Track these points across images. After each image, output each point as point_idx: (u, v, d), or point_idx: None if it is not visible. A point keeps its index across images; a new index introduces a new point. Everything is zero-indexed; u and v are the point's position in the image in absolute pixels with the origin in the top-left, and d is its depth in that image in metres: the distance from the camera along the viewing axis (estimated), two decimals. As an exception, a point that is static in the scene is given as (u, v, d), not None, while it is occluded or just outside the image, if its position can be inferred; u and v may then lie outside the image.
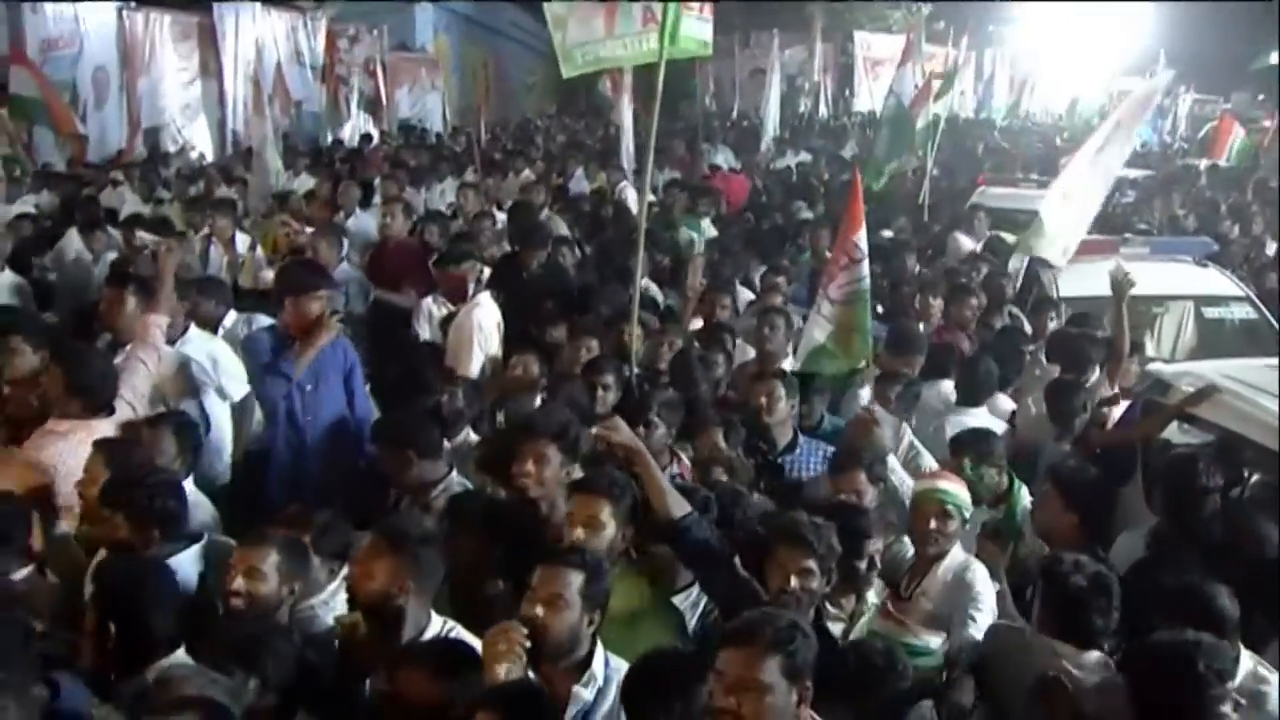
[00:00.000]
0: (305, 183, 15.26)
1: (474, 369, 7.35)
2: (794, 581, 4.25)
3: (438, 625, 4.18)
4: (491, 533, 4.76)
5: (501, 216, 11.86)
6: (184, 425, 5.72)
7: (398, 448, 5.58)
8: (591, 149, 23.00)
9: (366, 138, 22.93)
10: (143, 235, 9.14)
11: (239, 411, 6.94)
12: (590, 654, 3.91)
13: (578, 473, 5.04)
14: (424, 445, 5.58)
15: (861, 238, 6.55)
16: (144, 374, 5.99)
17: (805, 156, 23.15)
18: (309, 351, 6.23)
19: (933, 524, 4.99)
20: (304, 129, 23.70)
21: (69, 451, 5.32)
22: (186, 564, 4.69)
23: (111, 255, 10.35)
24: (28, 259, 10.42)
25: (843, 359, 6.70)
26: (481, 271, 8.37)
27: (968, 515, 5.14)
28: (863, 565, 4.73)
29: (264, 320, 7.43)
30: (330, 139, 22.86)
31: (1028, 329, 8.90)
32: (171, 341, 6.88)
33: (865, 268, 6.54)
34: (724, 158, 21.46)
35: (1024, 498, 5.83)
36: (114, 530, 4.69)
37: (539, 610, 3.80)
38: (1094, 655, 4.08)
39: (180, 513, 4.87)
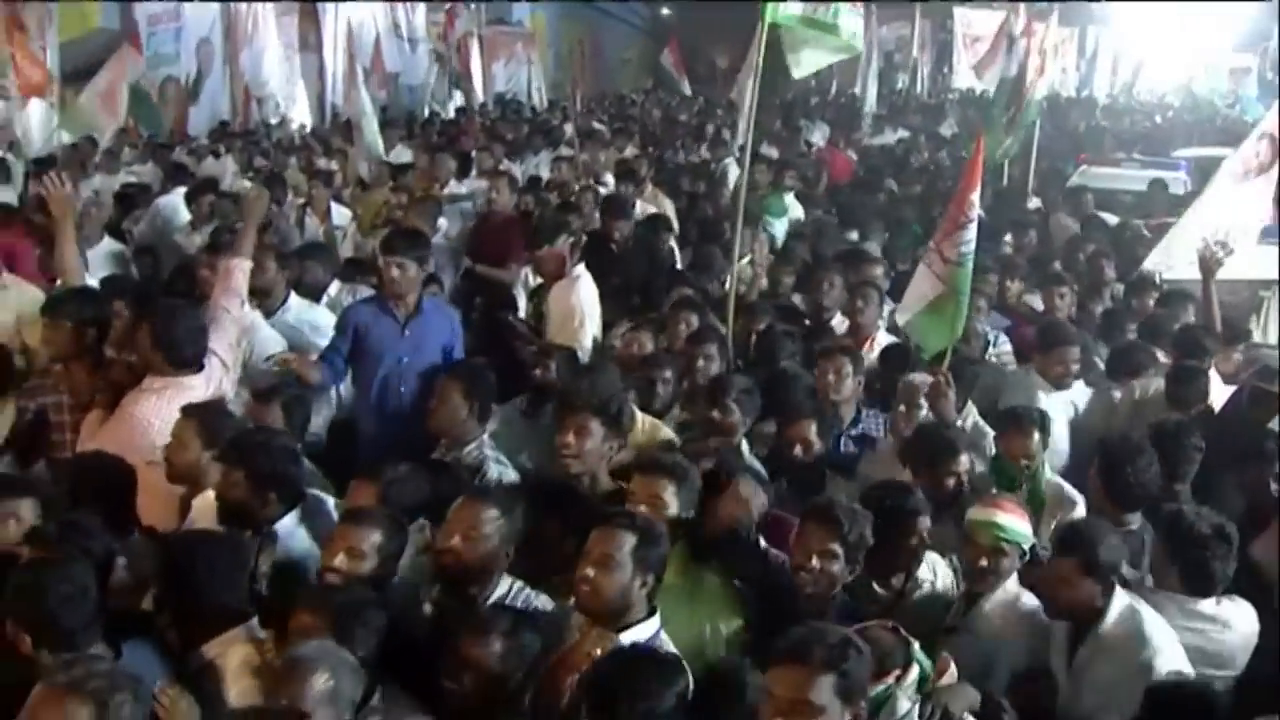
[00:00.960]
0: (402, 155, 15.34)
1: (587, 342, 7.25)
2: (815, 560, 4.21)
3: (506, 585, 4.28)
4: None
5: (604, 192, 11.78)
6: (293, 400, 5.72)
7: (461, 388, 5.50)
8: (687, 125, 22.85)
9: (462, 111, 22.99)
10: (243, 183, 9.22)
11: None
12: (642, 621, 3.86)
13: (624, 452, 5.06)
14: (482, 396, 5.54)
15: (976, 198, 6.35)
16: (229, 321, 6.01)
17: (903, 133, 22.80)
18: (408, 321, 6.25)
19: (984, 561, 4.46)
20: (401, 102, 23.86)
21: (162, 408, 5.37)
22: (290, 525, 4.76)
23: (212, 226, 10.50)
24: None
25: (945, 325, 6.51)
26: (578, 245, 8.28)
27: (1026, 549, 4.56)
28: (913, 542, 4.62)
29: (367, 291, 7.48)
30: (427, 112, 22.97)
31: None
32: (271, 311, 6.94)
33: (974, 231, 6.31)
34: (820, 134, 21.20)
35: (1046, 470, 5.58)
36: (230, 489, 4.71)
37: (590, 571, 3.80)
38: None
39: (298, 479, 4.91)
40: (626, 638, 3.77)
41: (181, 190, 11.51)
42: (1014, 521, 4.50)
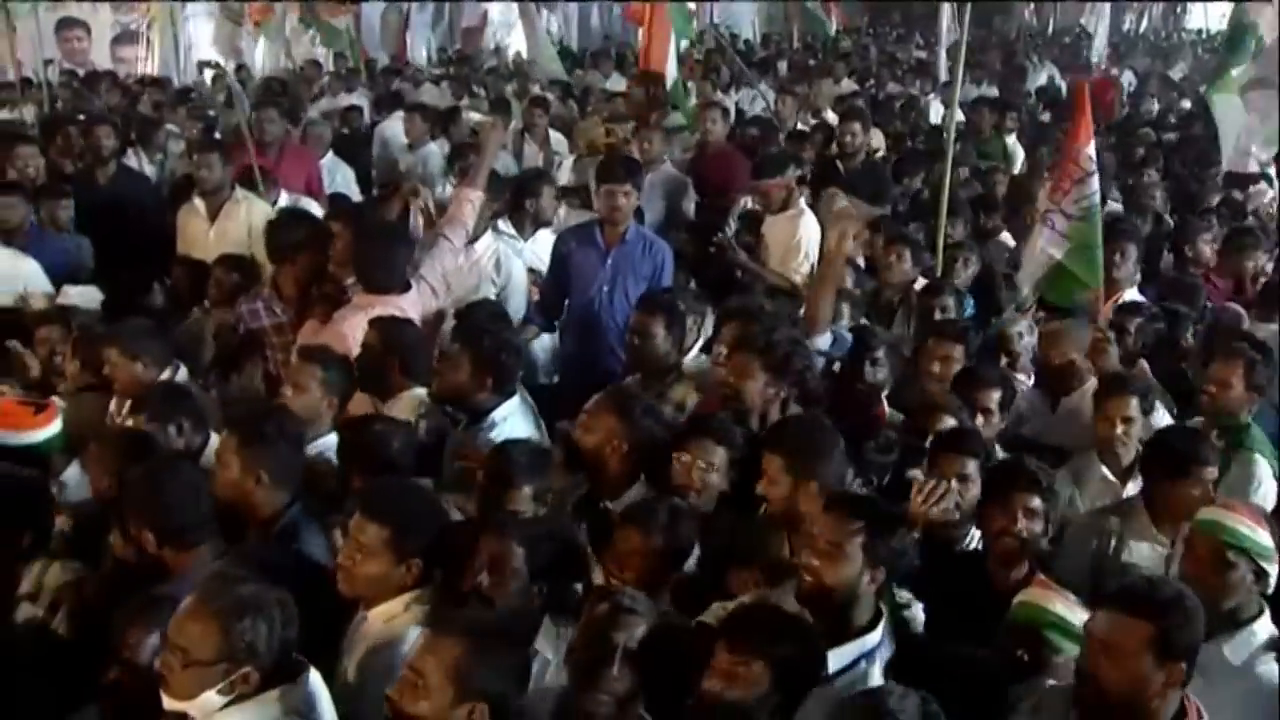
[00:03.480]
0: (617, 84, 15.29)
1: (799, 278, 7.05)
2: (1020, 521, 3.99)
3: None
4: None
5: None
6: (496, 314, 5.87)
7: (661, 316, 5.40)
8: (904, 61, 22.21)
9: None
10: (471, 114, 9.28)
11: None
12: (870, 623, 3.53)
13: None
14: (676, 322, 5.45)
15: (1091, 150, 6.08)
16: (448, 249, 6.05)
17: (1130, 76, 21.68)
18: (610, 250, 6.24)
19: (1212, 575, 3.64)
20: (615, 33, 23.86)
21: (359, 324, 5.42)
22: (507, 412, 4.88)
23: (428, 146, 10.65)
24: (356, 149, 10.83)
25: (1082, 279, 6.16)
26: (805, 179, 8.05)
27: (1272, 573, 3.71)
28: (1196, 493, 4.28)
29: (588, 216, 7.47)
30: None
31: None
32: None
33: (1095, 183, 6.06)
34: (1048, 74, 20.29)
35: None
36: (455, 369, 4.84)
37: (814, 560, 3.48)
38: None
39: (515, 370, 5.03)
40: (848, 652, 3.44)
41: (400, 114, 11.73)
42: (1247, 525, 3.70)
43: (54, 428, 4.88)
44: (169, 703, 3.12)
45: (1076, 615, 3.52)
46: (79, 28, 20.46)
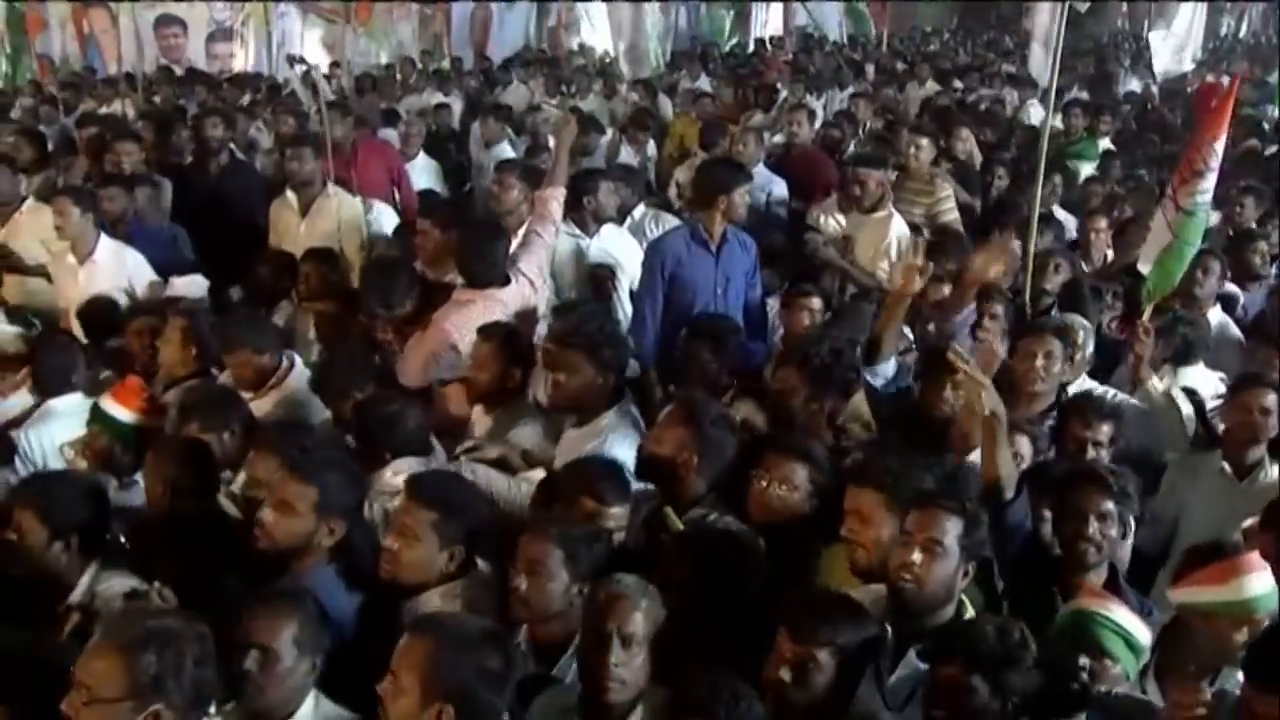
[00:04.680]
0: (702, 85, 15.32)
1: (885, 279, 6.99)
2: (1092, 525, 3.87)
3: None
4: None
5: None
6: (591, 311, 5.76)
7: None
8: (994, 63, 21.95)
9: (761, 43, 22.83)
10: (547, 109, 9.31)
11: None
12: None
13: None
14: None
15: (1219, 147, 5.81)
16: (540, 244, 6.06)
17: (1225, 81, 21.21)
18: (719, 250, 6.18)
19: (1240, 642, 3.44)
20: (702, 31, 23.87)
21: (466, 320, 5.46)
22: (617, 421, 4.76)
23: (502, 145, 10.73)
24: (445, 145, 10.95)
25: (1165, 275, 5.96)
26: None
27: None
28: None
29: (670, 219, 7.46)
30: (729, 44, 22.95)
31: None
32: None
33: (1211, 181, 5.80)
34: (1138, 81, 19.93)
35: None
36: (570, 372, 4.74)
37: (916, 556, 3.47)
38: None
39: (624, 365, 5.01)
40: None
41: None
42: (1267, 586, 3.47)
43: (121, 414, 4.98)
44: None
45: (1135, 624, 3.46)
46: (176, 25, 20.89)
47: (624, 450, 4.49)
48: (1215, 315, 6.64)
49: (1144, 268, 6.06)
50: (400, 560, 3.73)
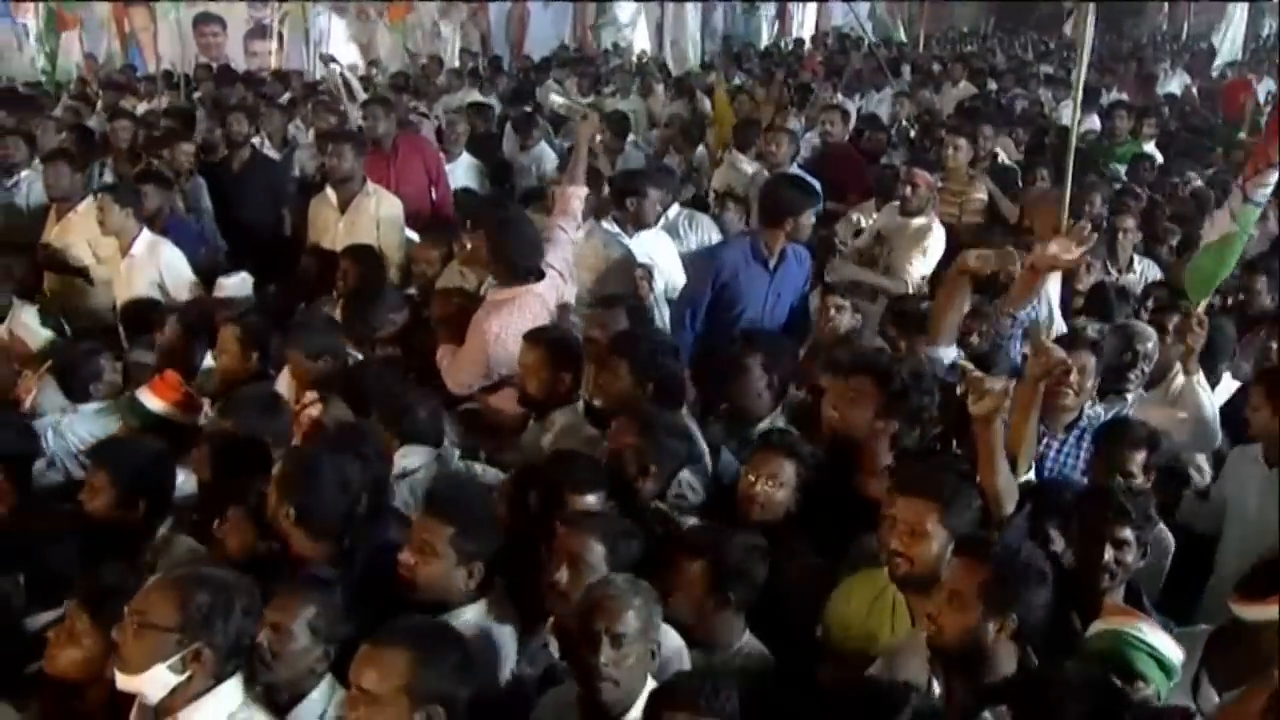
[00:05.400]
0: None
1: (914, 281, 7.02)
2: (1109, 553, 3.74)
3: None
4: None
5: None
6: (635, 309, 5.85)
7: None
8: (1031, 65, 21.85)
9: (800, 42, 22.82)
10: (555, 98, 9.27)
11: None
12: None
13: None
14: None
15: None
16: (564, 241, 6.05)
17: (1270, 84, 21.00)
18: (777, 266, 6.13)
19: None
20: (738, 33, 23.86)
21: (508, 318, 5.47)
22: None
23: (540, 146, 10.77)
24: (487, 145, 10.98)
25: (1221, 264, 5.93)
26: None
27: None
28: None
29: (704, 220, 7.47)
30: (766, 42, 22.96)
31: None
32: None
33: (1274, 177, 5.76)
34: (1178, 83, 19.79)
35: None
36: (614, 382, 4.85)
37: (935, 610, 3.32)
38: None
39: (674, 377, 4.98)
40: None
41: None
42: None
43: (159, 407, 5.07)
44: (122, 681, 3.08)
45: (1166, 642, 3.38)
46: (215, 23, 21.06)
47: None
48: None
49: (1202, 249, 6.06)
50: (417, 575, 3.69)
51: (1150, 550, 3.93)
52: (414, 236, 7.48)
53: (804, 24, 24.99)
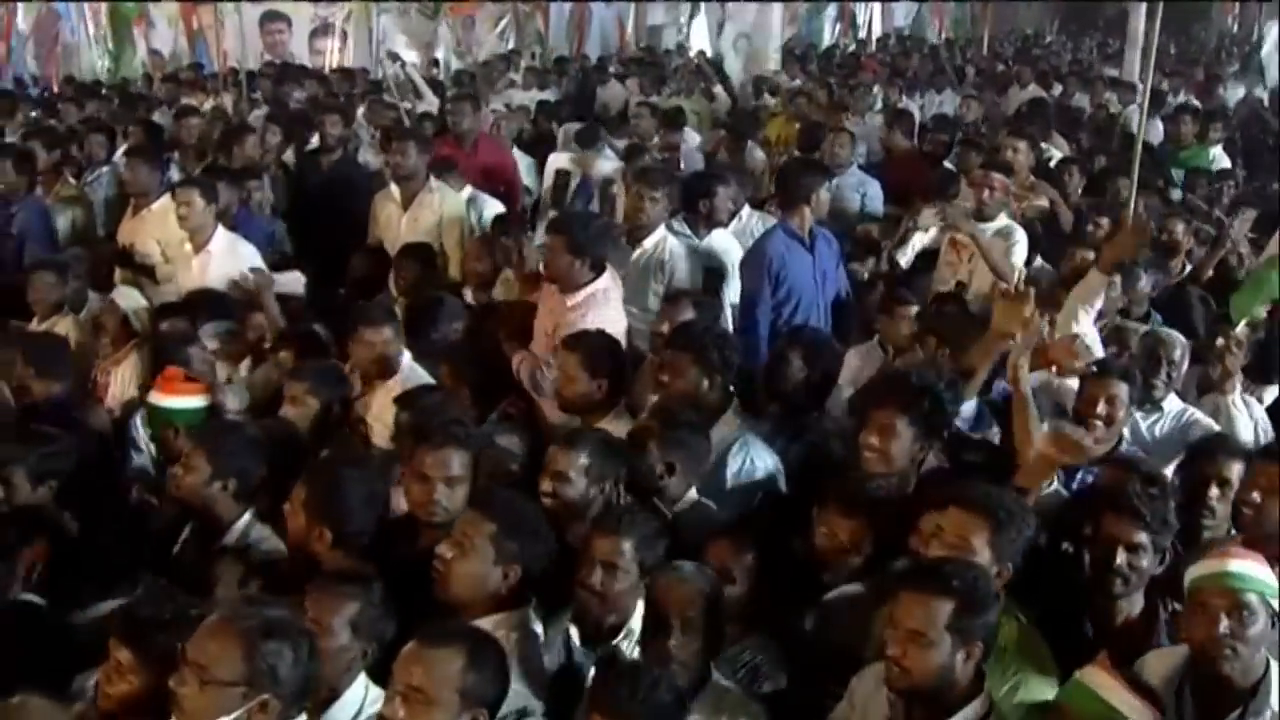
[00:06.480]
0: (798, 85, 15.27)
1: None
2: (1120, 556, 3.67)
3: None
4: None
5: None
6: (701, 302, 5.91)
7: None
8: (1095, 67, 21.62)
9: (862, 43, 22.76)
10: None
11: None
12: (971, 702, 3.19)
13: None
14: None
15: None
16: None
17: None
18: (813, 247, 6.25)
19: (1223, 625, 3.21)
20: (801, 32, 23.83)
21: (598, 312, 5.53)
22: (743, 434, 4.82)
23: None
24: (545, 142, 11.06)
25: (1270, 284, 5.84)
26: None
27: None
28: None
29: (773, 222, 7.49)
30: (828, 43, 22.92)
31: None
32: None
33: None
34: (1245, 87, 19.47)
35: None
36: (678, 377, 4.86)
37: (899, 650, 3.13)
38: None
39: (732, 365, 5.00)
40: None
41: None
42: (1257, 569, 3.32)
43: (183, 402, 5.13)
44: None
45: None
46: (281, 20, 21.26)
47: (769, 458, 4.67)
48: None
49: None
50: (452, 571, 3.61)
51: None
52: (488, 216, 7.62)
53: (867, 25, 24.87)
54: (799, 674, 3.77)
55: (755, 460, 4.68)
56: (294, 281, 6.85)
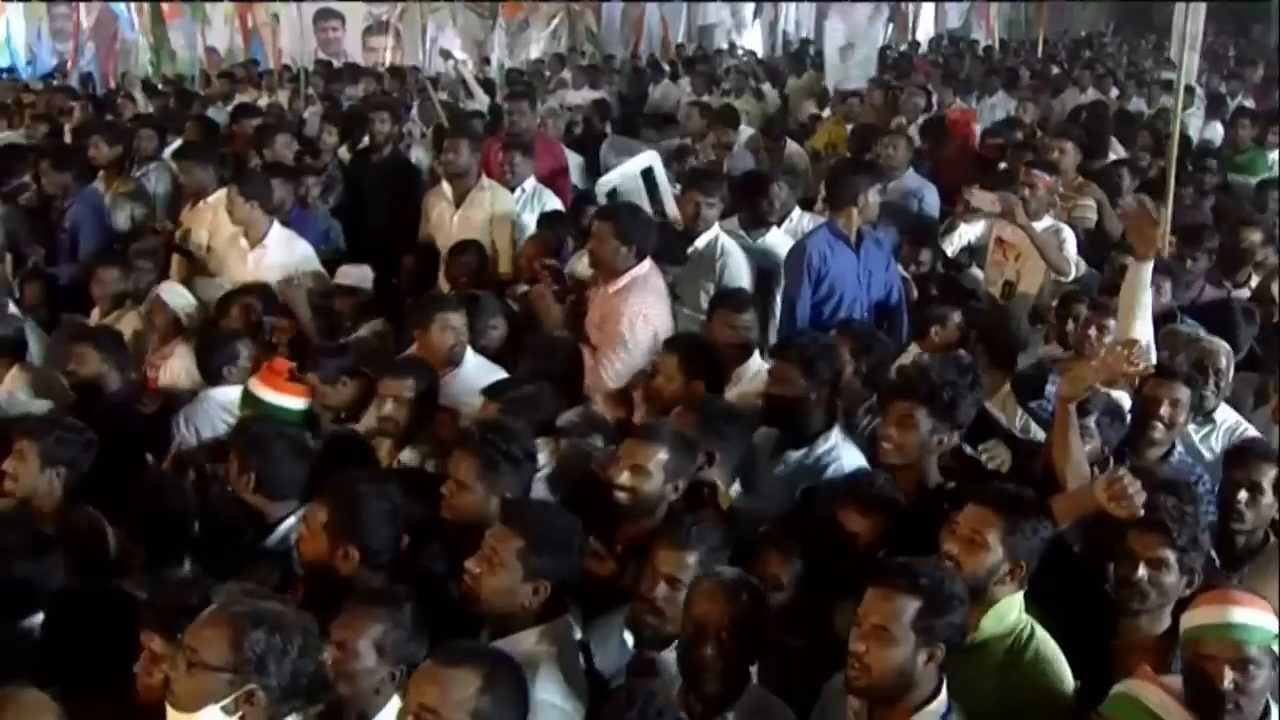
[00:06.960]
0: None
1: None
2: (1142, 570, 3.56)
3: None
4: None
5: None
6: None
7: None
8: (1149, 70, 21.39)
9: (915, 45, 22.67)
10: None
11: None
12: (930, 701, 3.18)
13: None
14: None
15: None
16: None
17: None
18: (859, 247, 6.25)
19: (1228, 680, 3.10)
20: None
21: (640, 298, 5.66)
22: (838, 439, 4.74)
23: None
24: (595, 141, 11.10)
25: None
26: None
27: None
28: None
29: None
30: (881, 44, 22.84)
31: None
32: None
33: None
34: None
35: None
36: (785, 384, 4.70)
37: (860, 646, 3.11)
38: None
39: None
40: None
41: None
42: (1262, 618, 3.18)
43: (283, 400, 5.25)
44: (173, 717, 2.96)
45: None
46: (335, 18, 21.47)
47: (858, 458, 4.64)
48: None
49: None
50: (481, 585, 3.54)
51: None
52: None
53: (920, 26, 24.73)
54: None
55: (843, 456, 4.63)
56: (361, 276, 6.91)
